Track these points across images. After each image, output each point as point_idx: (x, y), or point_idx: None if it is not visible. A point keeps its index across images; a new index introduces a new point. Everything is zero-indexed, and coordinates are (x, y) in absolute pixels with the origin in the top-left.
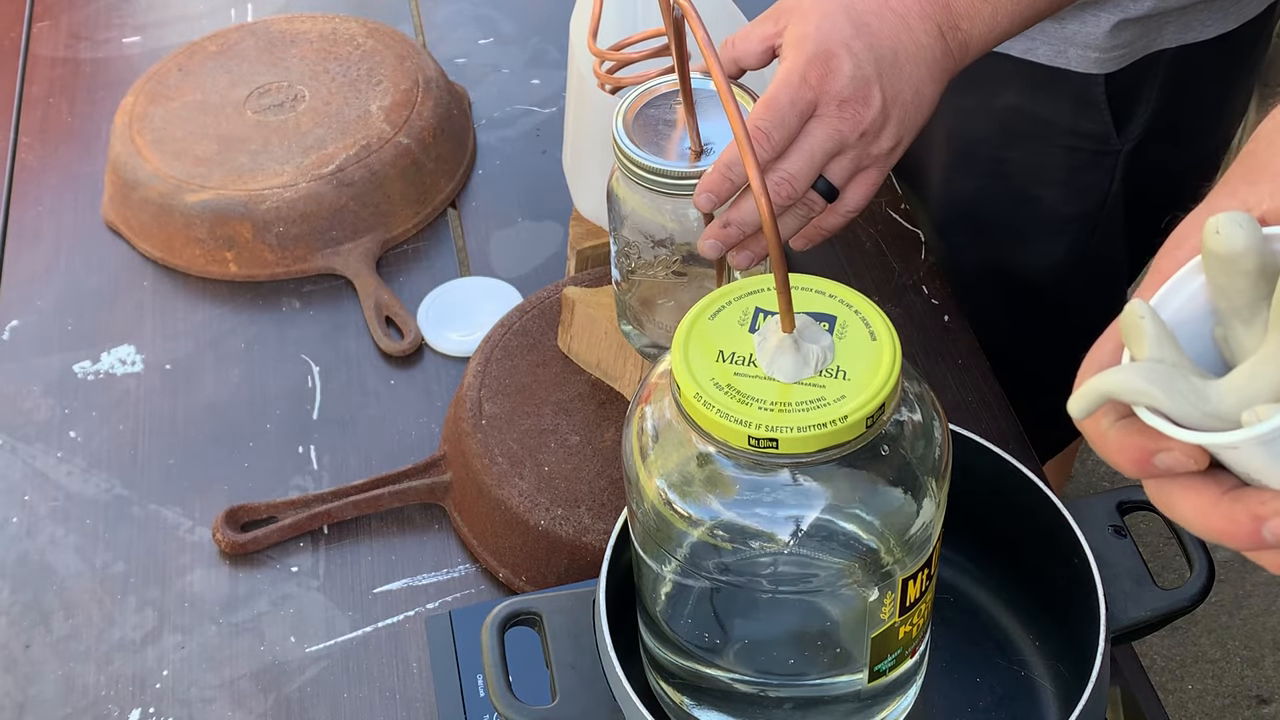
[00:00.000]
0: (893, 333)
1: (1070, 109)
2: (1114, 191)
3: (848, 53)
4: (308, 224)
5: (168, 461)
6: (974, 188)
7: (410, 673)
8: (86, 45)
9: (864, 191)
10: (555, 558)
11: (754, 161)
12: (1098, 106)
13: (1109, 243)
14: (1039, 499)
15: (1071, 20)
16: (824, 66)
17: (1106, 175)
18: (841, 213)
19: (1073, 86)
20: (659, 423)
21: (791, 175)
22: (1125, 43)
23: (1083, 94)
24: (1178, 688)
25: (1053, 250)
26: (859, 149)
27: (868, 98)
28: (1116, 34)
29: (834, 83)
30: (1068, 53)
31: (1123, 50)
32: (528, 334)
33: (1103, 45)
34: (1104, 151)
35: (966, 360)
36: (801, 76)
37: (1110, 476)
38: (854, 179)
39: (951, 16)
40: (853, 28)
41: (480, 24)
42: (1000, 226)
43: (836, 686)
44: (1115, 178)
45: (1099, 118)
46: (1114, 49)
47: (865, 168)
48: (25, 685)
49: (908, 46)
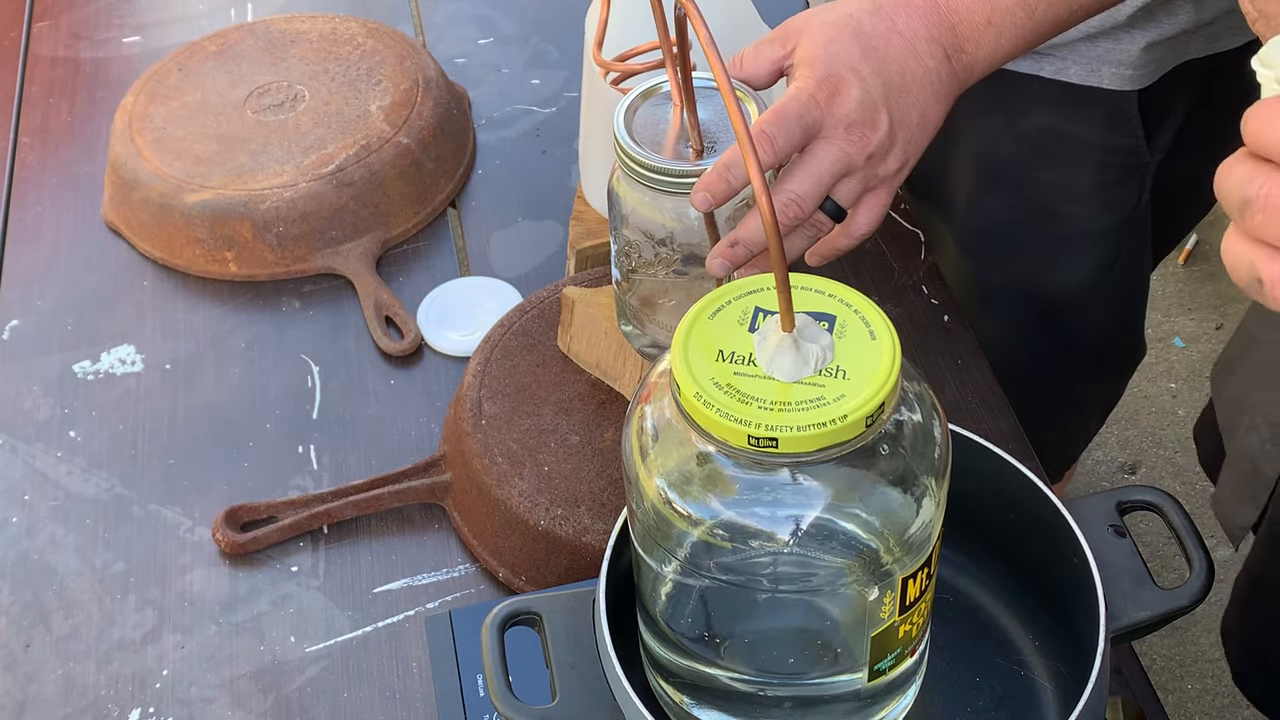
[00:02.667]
0: (892, 332)
1: (1102, 125)
2: (1143, 202)
3: (856, 77)
4: (308, 224)
5: (168, 461)
6: (1001, 208)
7: (410, 673)
8: (86, 45)
9: (874, 213)
10: (555, 558)
11: (755, 160)
12: (1130, 121)
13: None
14: (1039, 499)
15: (1104, 39)
16: (832, 89)
17: (1136, 188)
18: (853, 235)
19: (1105, 104)
20: (659, 422)
21: (799, 196)
22: (1156, 58)
23: (1115, 110)
24: (1178, 688)
25: (1080, 267)
26: (866, 171)
27: (875, 121)
28: (1149, 51)
29: (842, 106)
30: (1100, 71)
31: (1154, 65)
32: (528, 334)
33: (1136, 62)
34: (1135, 164)
35: (966, 360)
36: (810, 96)
37: (1110, 476)
38: (862, 200)
39: (957, 40)
40: (861, 51)
41: (480, 24)
42: (1028, 246)
43: (836, 686)
44: (1145, 189)
45: (1131, 132)
46: (1146, 65)
47: (873, 189)
48: (25, 685)
49: (914, 71)
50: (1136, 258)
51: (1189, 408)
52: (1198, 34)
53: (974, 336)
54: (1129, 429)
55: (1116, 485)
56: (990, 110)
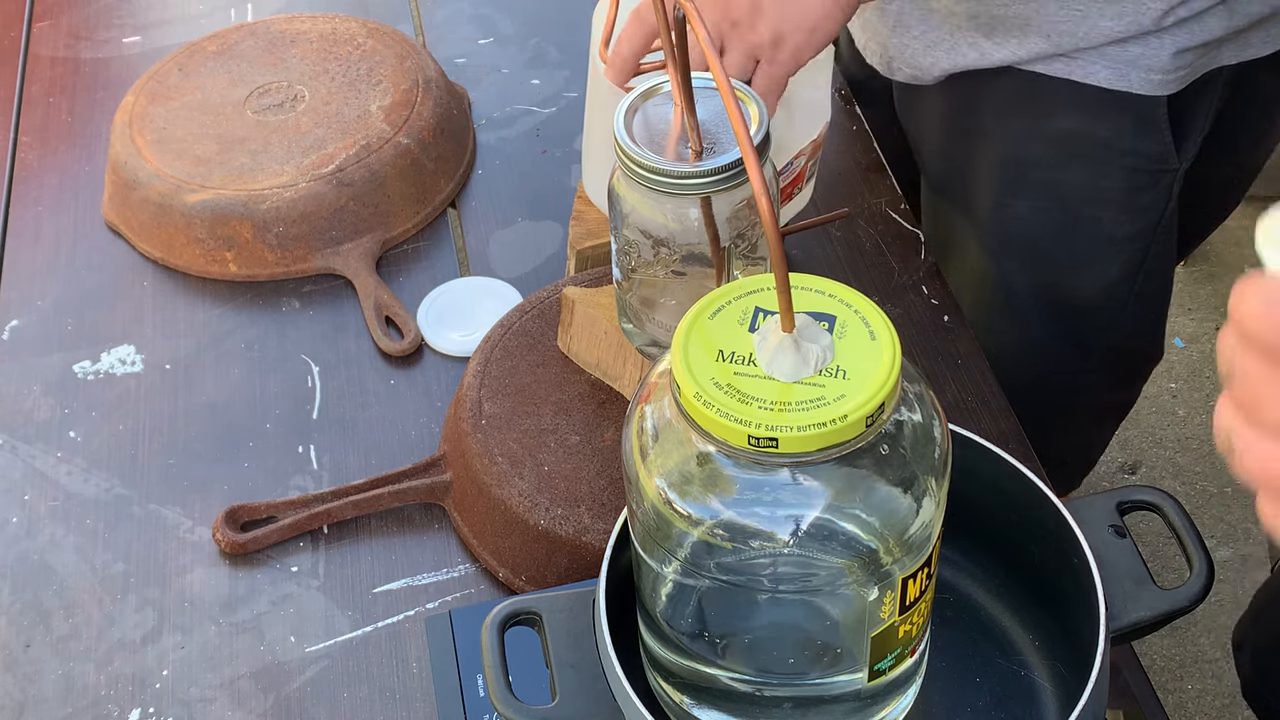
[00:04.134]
0: (892, 332)
1: (1131, 130)
2: (1170, 209)
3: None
4: (308, 224)
5: (168, 461)
6: (1027, 211)
7: (410, 673)
8: (86, 45)
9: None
10: (555, 558)
11: (755, 160)
12: (1159, 127)
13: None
14: (1039, 499)
15: (1134, 44)
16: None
17: (1164, 194)
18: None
19: (1134, 108)
20: (659, 422)
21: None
22: (1187, 64)
23: (1144, 115)
24: (1178, 688)
25: (1106, 273)
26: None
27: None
28: (1179, 57)
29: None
30: (1130, 75)
31: (1184, 71)
32: (528, 334)
33: (1166, 68)
34: (1163, 170)
35: (966, 360)
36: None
37: (1110, 476)
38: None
39: None
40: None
41: (480, 24)
42: (1053, 250)
43: (836, 686)
44: (1172, 195)
45: (1160, 138)
46: (1176, 70)
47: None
48: (25, 685)
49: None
50: (1162, 265)
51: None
52: (1229, 40)
53: (974, 336)
54: (1129, 429)
55: (1116, 485)
56: (1017, 112)
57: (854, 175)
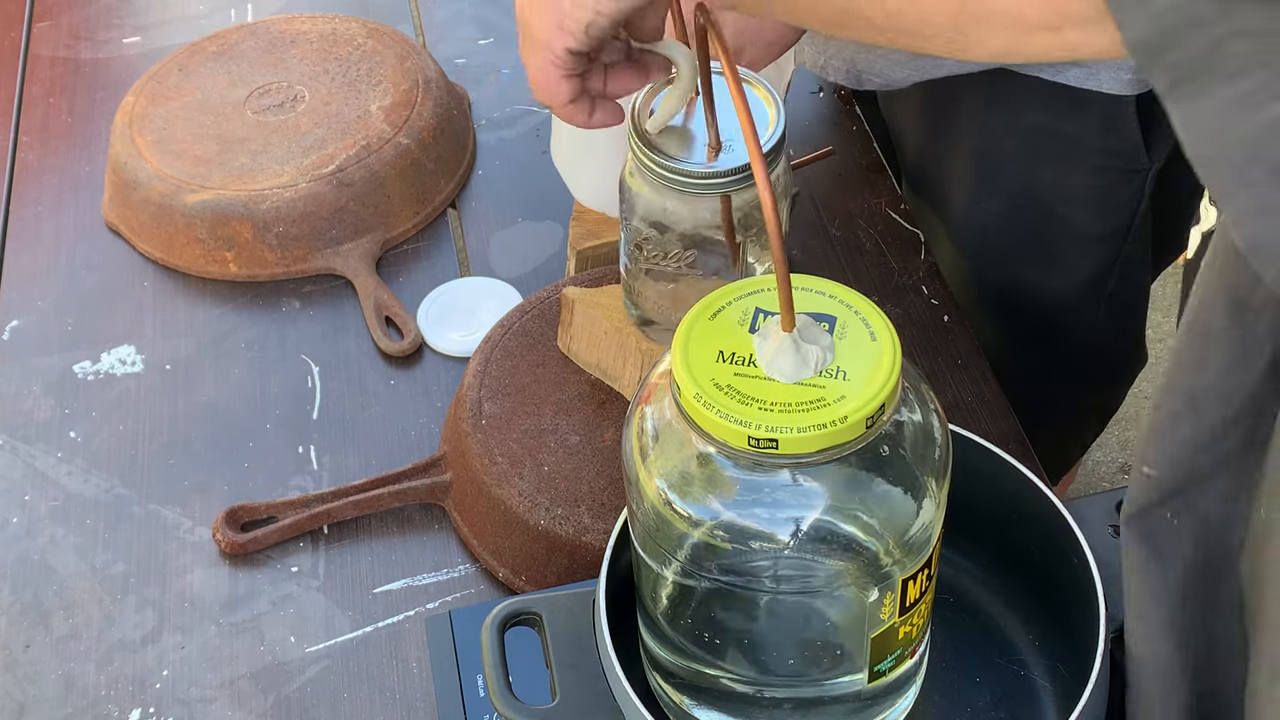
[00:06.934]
0: (893, 333)
1: (1100, 128)
2: (1143, 209)
3: None
4: (308, 224)
5: (168, 461)
6: (1000, 208)
7: (410, 673)
8: (86, 45)
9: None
10: (555, 558)
11: (760, 159)
12: (1127, 126)
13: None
14: (1039, 499)
15: None
16: None
17: (1136, 193)
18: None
19: (1102, 107)
20: (659, 423)
21: None
22: None
23: (1112, 114)
24: None
25: (1079, 270)
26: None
27: None
28: None
29: None
30: (1100, 74)
31: None
32: (528, 334)
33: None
34: (1134, 170)
35: (966, 360)
36: None
37: (1110, 477)
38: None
39: None
40: None
41: (480, 24)
42: (1026, 246)
43: (836, 687)
44: (1144, 195)
45: (1129, 137)
46: None
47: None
48: (25, 685)
49: None
50: (1136, 266)
51: None
52: None
53: (974, 336)
54: (1129, 429)
55: (1116, 485)
56: (990, 108)
57: (854, 175)
